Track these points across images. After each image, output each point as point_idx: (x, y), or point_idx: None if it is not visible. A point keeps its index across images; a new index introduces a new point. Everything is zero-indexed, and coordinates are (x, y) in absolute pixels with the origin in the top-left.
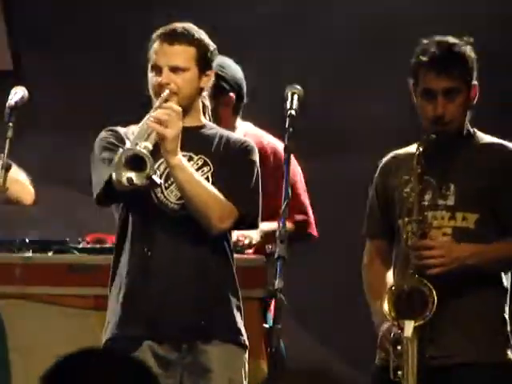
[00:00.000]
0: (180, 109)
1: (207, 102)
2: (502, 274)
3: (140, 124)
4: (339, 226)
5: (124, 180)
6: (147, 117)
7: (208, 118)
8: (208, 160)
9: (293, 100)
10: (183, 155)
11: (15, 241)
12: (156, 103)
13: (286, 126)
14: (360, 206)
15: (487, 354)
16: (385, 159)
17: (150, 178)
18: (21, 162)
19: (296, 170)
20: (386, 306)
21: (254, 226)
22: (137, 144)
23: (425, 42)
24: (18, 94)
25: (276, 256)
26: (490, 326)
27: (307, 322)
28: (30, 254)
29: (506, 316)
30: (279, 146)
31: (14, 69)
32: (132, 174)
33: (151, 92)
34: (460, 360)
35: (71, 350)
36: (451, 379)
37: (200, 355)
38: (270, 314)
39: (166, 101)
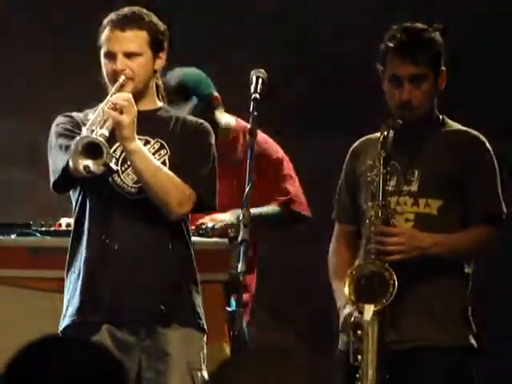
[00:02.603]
0: (130, 95)
1: (160, 82)
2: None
3: (96, 110)
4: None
5: (81, 168)
6: (103, 103)
7: (161, 98)
8: (165, 143)
9: (257, 84)
10: (140, 139)
11: None
12: (112, 89)
13: (251, 109)
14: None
15: (448, 338)
16: (355, 143)
17: (106, 165)
18: None
19: (280, 154)
20: (346, 290)
21: (212, 209)
22: (93, 131)
23: (393, 27)
24: None
25: (239, 240)
26: (452, 310)
27: (271, 306)
28: None
29: (468, 301)
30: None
31: None
32: (89, 162)
33: (106, 78)
34: (421, 344)
35: (35, 332)
36: (412, 363)
37: (159, 339)
38: (233, 298)
39: (122, 86)
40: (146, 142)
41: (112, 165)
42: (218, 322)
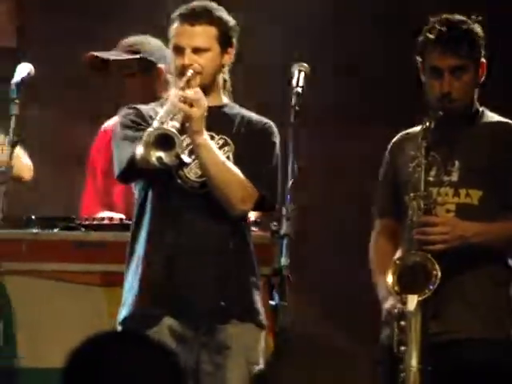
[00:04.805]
0: (199, 90)
1: (227, 77)
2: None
3: (163, 103)
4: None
5: (154, 159)
6: (172, 97)
7: (228, 93)
8: (229, 140)
9: (299, 77)
10: None
11: (22, 217)
12: (180, 83)
13: (293, 103)
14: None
15: (491, 330)
16: (395, 138)
17: (178, 157)
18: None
19: None
20: (389, 280)
21: (272, 209)
22: (163, 123)
23: (432, 19)
24: (24, 70)
25: (282, 234)
26: (495, 302)
27: (313, 299)
28: (36, 230)
29: (511, 293)
30: None
31: (18, 46)
32: (161, 154)
33: (174, 72)
34: (463, 336)
35: (77, 326)
36: (454, 354)
37: (218, 333)
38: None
39: (189, 81)
40: (211, 138)
41: (184, 157)
42: None
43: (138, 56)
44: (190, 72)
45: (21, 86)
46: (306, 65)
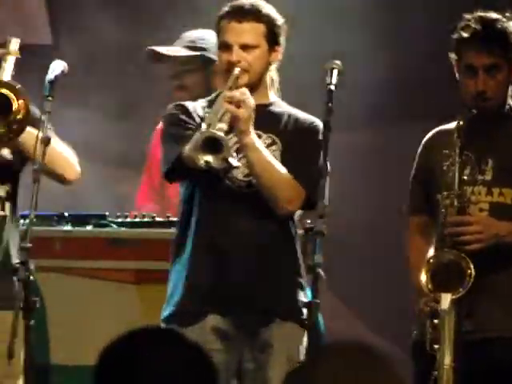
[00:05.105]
0: (246, 89)
1: (275, 76)
2: None
3: (208, 100)
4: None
5: (202, 163)
6: (220, 96)
7: (276, 90)
8: (276, 139)
9: (332, 75)
10: None
11: (55, 215)
12: (228, 82)
13: (326, 101)
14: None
15: None
16: (428, 135)
17: (226, 160)
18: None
19: None
20: (423, 278)
21: (313, 208)
22: (211, 125)
23: (467, 17)
24: (58, 68)
25: (315, 231)
26: None
27: (345, 296)
28: (69, 227)
29: None
30: None
31: (53, 43)
32: (209, 157)
33: (221, 69)
34: (495, 334)
35: (110, 323)
36: (486, 353)
37: (262, 332)
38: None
39: (237, 78)
40: (258, 137)
41: (232, 160)
42: None
43: (198, 53)
44: (237, 70)
45: (54, 83)
46: (339, 62)
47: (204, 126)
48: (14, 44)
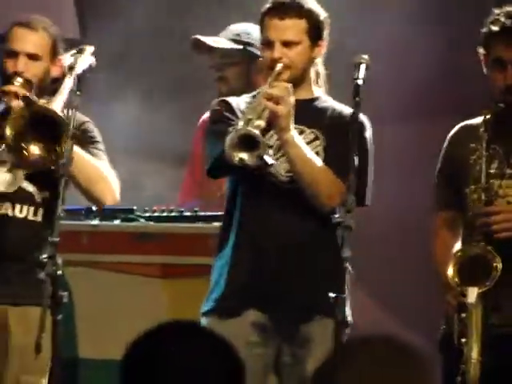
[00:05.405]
0: (290, 85)
1: (322, 70)
2: None
3: (250, 96)
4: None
5: (236, 160)
6: (260, 92)
7: (322, 84)
8: (320, 134)
9: (360, 69)
10: (295, 128)
11: (82, 209)
12: (269, 78)
13: (354, 95)
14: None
15: None
16: (453, 130)
17: (261, 158)
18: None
19: None
20: (450, 272)
21: (363, 205)
22: (250, 120)
23: (496, 11)
24: (85, 62)
25: (343, 225)
26: None
27: (372, 290)
28: (97, 222)
29: None
30: None
31: (81, 37)
32: (244, 155)
33: (263, 66)
34: None
35: (137, 318)
36: None
37: (301, 328)
38: None
39: (279, 74)
40: (301, 132)
41: (267, 158)
42: None
43: (241, 47)
44: (279, 66)
45: (82, 78)
46: (366, 57)
47: (241, 122)
48: (86, 56)
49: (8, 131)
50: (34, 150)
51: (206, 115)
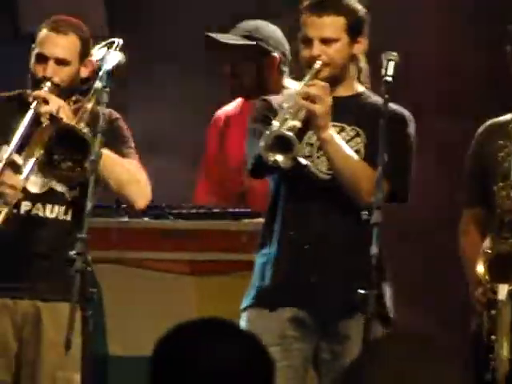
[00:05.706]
0: (327, 84)
1: (363, 65)
2: None
3: (288, 94)
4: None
5: (270, 162)
6: (297, 92)
7: (363, 79)
8: (361, 131)
9: (389, 66)
10: (335, 125)
11: (112, 206)
12: (307, 76)
13: (383, 92)
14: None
15: None
16: (481, 127)
17: (295, 159)
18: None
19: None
20: (480, 269)
21: (404, 202)
22: (285, 120)
23: None
24: (114, 59)
25: (372, 222)
26: None
27: (402, 287)
28: (126, 218)
29: None
30: None
31: (110, 34)
32: (278, 156)
33: (302, 63)
34: None
35: (165, 314)
36: None
37: (341, 325)
38: None
39: (318, 72)
40: (342, 129)
41: (301, 159)
42: None
43: (253, 43)
44: (318, 64)
45: (111, 74)
46: (395, 53)
47: (277, 123)
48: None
49: (37, 151)
50: (65, 165)
51: (219, 112)
